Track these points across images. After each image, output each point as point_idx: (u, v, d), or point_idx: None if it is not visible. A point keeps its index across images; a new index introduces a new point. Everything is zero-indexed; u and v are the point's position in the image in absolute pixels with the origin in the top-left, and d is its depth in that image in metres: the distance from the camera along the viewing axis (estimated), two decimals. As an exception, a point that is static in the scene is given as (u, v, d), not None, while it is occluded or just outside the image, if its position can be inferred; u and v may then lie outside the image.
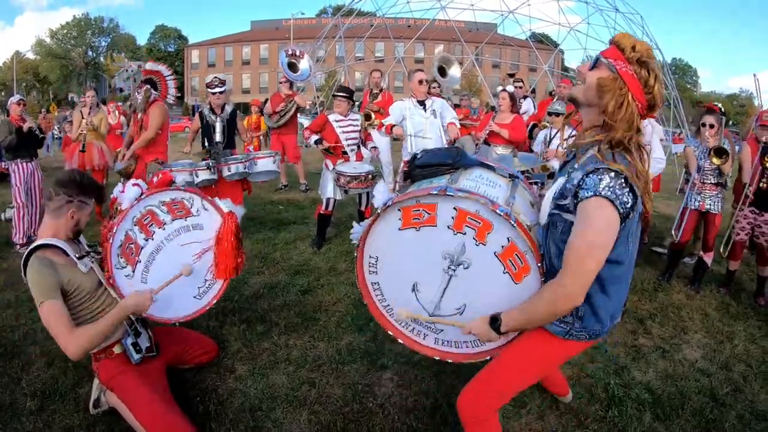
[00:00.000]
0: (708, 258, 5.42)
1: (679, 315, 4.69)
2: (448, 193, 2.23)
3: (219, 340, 3.87)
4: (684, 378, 3.60)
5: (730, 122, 70.11)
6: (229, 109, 6.72)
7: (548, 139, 6.33)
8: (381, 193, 2.71)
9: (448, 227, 2.30)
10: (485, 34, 26.71)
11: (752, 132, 7.28)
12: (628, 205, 1.86)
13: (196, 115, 6.82)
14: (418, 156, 2.75)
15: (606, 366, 3.70)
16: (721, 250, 5.41)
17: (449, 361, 2.59)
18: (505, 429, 2.91)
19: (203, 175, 5.86)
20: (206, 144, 6.66)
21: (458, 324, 2.37)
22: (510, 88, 7.15)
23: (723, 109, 5.58)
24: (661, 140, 6.18)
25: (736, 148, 5.38)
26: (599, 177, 1.86)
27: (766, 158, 5.03)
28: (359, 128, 6.31)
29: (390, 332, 2.67)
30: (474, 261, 2.32)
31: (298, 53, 9.59)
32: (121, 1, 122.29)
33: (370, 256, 2.60)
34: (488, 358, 2.45)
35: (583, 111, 2.06)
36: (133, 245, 3.13)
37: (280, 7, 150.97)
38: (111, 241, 3.01)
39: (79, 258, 2.87)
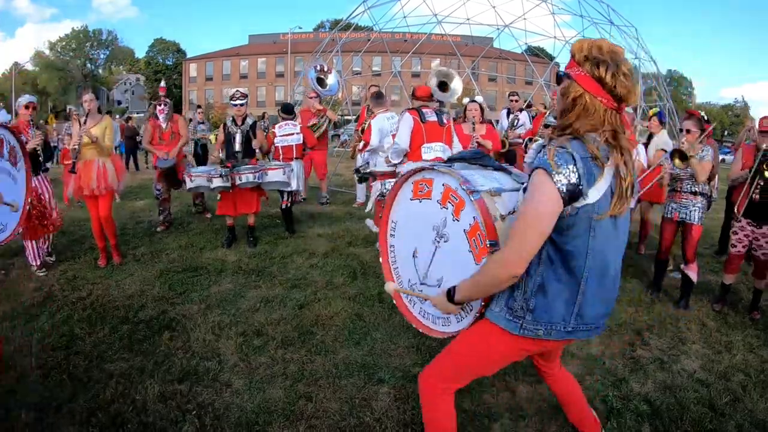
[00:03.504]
0: (692, 272, 5.22)
1: (677, 326, 4.68)
2: (434, 168, 2.52)
3: (215, 354, 3.87)
4: (683, 389, 3.59)
5: (726, 132, 70.36)
6: (249, 121, 7.01)
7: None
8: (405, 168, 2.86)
9: (437, 201, 2.52)
10: (481, 48, 26.85)
11: (744, 143, 7.28)
12: (569, 184, 1.85)
13: (221, 126, 7.13)
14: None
15: (604, 378, 3.69)
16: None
17: (421, 331, 2.72)
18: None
19: (217, 182, 6.44)
20: (226, 153, 6.99)
21: (423, 296, 2.57)
22: (479, 98, 7.12)
23: (707, 118, 5.47)
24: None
25: (719, 157, 5.30)
26: (546, 151, 1.91)
27: (765, 165, 4.82)
28: None
29: (390, 292, 2.83)
30: (451, 236, 2.46)
31: (326, 68, 9.65)
32: (121, 15, 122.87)
33: (392, 221, 2.91)
34: (448, 334, 2.58)
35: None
36: None
37: (278, 21, 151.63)
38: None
39: None
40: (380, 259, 3.00)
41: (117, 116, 21.41)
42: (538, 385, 3.56)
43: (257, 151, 7.21)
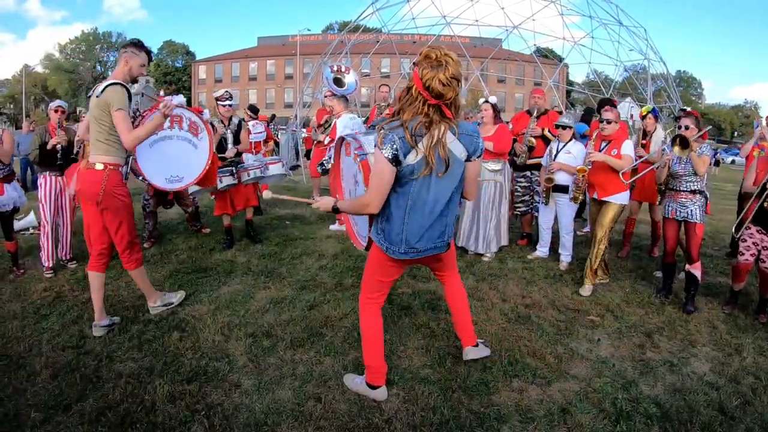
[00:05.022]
0: (696, 271, 5.14)
1: (687, 328, 4.66)
2: (346, 137, 3.88)
3: (224, 355, 3.88)
4: (692, 391, 3.57)
5: (736, 133, 69.93)
6: (236, 120, 7.04)
7: (555, 151, 6.32)
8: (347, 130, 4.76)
9: (352, 158, 3.66)
10: (490, 49, 26.78)
11: (753, 145, 7.18)
12: (392, 153, 2.79)
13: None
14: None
15: (613, 380, 3.68)
16: (733, 230, 5.23)
17: (352, 241, 4.05)
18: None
19: (227, 180, 6.63)
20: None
21: (310, 201, 3.52)
22: (492, 99, 7.03)
23: (700, 120, 5.39)
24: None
25: (722, 156, 5.21)
26: (375, 135, 3.05)
27: None
28: None
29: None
30: (359, 182, 3.52)
31: (343, 68, 9.65)
32: (131, 17, 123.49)
33: (341, 167, 4.12)
34: (364, 247, 3.61)
35: None
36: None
37: (287, 23, 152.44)
38: (153, 112, 4.52)
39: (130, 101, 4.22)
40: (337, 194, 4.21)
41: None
42: (548, 387, 3.56)
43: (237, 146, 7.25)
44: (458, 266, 6.08)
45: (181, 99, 5.28)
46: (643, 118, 6.94)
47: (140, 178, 5.24)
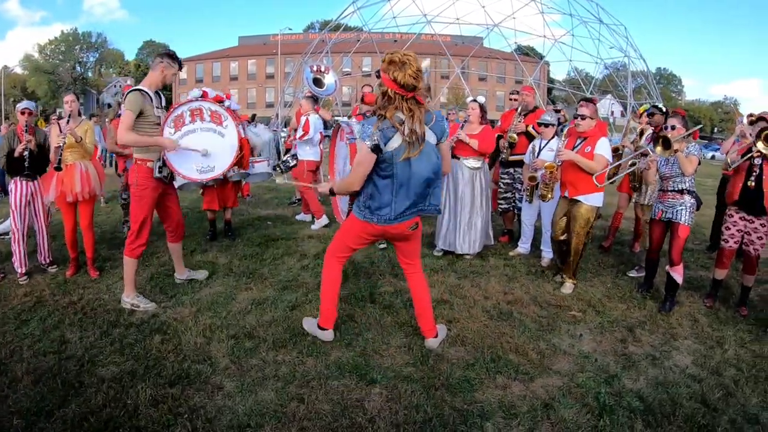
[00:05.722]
0: (677, 275, 5.03)
1: (669, 322, 4.70)
2: (341, 123, 5.32)
3: (206, 357, 3.85)
4: (675, 384, 3.61)
5: (716, 130, 70.73)
6: None
7: (537, 149, 6.34)
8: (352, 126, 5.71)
9: (344, 142, 4.48)
10: (471, 47, 26.88)
11: (735, 141, 7.19)
12: (373, 142, 3.32)
13: None
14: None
15: (596, 375, 3.70)
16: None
17: (338, 219, 5.28)
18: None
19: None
20: None
21: (313, 186, 4.42)
22: (481, 98, 7.02)
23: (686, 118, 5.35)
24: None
25: (703, 152, 5.20)
26: (359, 125, 3.62)
27: (763, 136, 4.64)
28: None
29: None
30: (347, 161, 4.26)
31: (323, 68, 9.63)
32: (111, 17, 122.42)
33: (335, 154, 5.15)
34: (344, 220, 4.31)
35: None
36: (181, 120, 5.10)
37: (268, 22, 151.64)
38: (172, 112, 5.07)
39: (156, 107, 4.83)
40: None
41: (108, 119, 21.17)
42: (531, 383, 3.58)
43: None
44: (440, 265, 6.14)
45: (197, 93, 5.76)
46: (640, 116, 7.05)
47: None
